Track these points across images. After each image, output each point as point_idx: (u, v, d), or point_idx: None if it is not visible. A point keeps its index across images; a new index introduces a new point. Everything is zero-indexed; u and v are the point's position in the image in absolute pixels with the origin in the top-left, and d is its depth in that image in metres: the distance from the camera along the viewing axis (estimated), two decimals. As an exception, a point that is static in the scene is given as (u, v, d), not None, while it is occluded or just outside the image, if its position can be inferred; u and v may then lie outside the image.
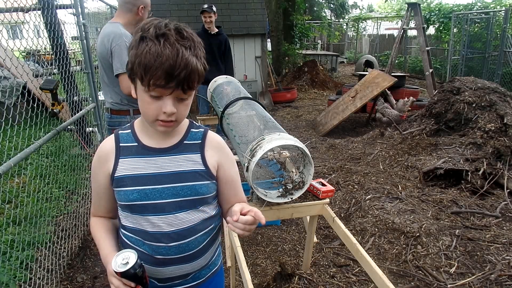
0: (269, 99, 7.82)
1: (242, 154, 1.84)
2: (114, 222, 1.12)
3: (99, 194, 1.06)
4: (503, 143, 3.45)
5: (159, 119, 0.91)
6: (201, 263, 1.07)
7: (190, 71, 0.85)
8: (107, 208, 1.08)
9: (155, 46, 0.83)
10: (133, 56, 0.87)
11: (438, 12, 11.01)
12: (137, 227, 1.00)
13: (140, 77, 0.86)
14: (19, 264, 2.34)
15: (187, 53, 0.85)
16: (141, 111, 0.94)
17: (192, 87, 0.89)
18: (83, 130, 3.46)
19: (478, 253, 2.43)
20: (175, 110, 0.89)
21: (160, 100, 0.88)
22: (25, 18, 2.72)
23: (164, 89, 0.85)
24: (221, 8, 7.23)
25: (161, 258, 1.01)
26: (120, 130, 1.05)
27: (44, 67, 5.39)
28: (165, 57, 0.82)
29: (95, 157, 1.04)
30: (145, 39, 0.85)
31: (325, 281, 2.37)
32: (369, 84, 5.81)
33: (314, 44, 16.43)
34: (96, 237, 1.06)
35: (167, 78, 0.83)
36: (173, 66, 0.82)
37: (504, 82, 8.18)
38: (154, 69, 0.82)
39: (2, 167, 1.65)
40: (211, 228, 1.08)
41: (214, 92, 3.07)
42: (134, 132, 1.03)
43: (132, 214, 1.00)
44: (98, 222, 1.09)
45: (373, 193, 3.19)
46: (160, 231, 0.98)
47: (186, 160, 1.00)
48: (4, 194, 3.03)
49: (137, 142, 1.01)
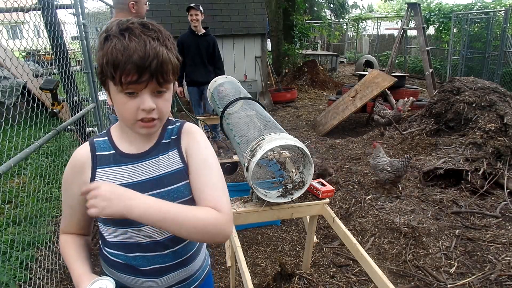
0: (269, 99, 7.82)
1: (242, 154, 1.84)
2: (86, 239, 1.03)
3: (73, 208, 0.96)
4: (503, 143, 3.45)
5: (138, 119, 0.84)
6: (197, 265, 1.04)
7: (162, 60, 0.80)
8: (81, 224, 0.99)
9: (120, 41, 0.79)
10: (100, 57, 0.82)
11: (438, 12, 11.01)
12: (127, 240, 0.93)
13: (111, 76, 0.80)
14: (19, 264, 2.34)
15: (155, 43, 0.81)
16: (118, 115, 0.88)
17: (167, 79, 0.84)
18: (83, 130, 3.45)
19: (478, 253, 2.42)
20: (154, 106, 0.83)
21: (137, 98, 0.82)
22: (25, 18, 2.72)
23: (138, 84, 0.80)
24: (221, 8, 7.23)
25: (157, 268, 0.95)
26: (95, 138, 0.97)
27: (44, 67, 5.39)
28: (132, 49, 0.78)
29: (68, 167, 0.94)
30: (109, 37, 0.81)
31: (325, 281, 2.37)
32: (369, 84, 5.81)
33: (314, 44, 16.41)
34: (66, 256, 0.95)
35: (139, 70, 0.78)
36: (142, 57, 0.78)
37: (504, 82, 8.17)
38: (123, 63, 0.78)
39: (2, 167, 1.65)
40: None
41: (214, 92, 3.07)
42: (111, 139, 0.95)
43: (117, 227, 0.92)
44: (69, 239, 0.99)
45: (373, 193, 3.19)
46: (153, 240, 0.93)
47: (165, 161, 0.93)
48: (4, 194, 3.03)
49: (114, 149, 0.93)
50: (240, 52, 7.45)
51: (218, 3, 7.19)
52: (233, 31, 7.16)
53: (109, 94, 0.87)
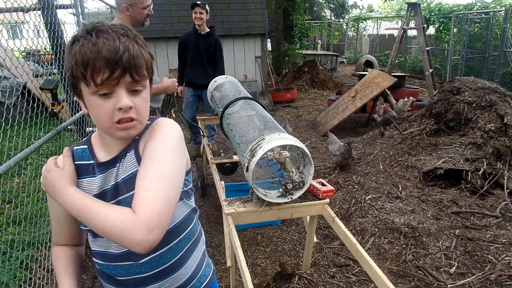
0: (269, 99, 7.82)
1: (242, 154, 1.84)
2: (78, 250, 0.99)
3: (60, 219, 0.93)
4: (503, 143, 3.45)
5: (115, 122, 0.78)
6: (183, 275, 0.95)
7: (134, 54, 0.76)
8: (70, 234, 0.96)
9: (87, 40, 0.75)
10: (69, 61, 0.77)
11: (438, 12, 11.01)
12: (104, 250, 0.89)
13: (82, 76, 0.75)
14: (19, 264, 2.34)
15: (124, 38, 0.77)
16: (95, 121, 0.82)
17: (141, 74, 0.79)
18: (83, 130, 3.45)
19: (478, 253, 2.43)
20: (131, 103, 0.77)
21: (112, 98, 0.77)
22: (25, 18, 2.72)
23: (110, 80, 0.75)
24: (221, 8, 7.23)
25: (136, 278, 0.90)
26: (75, 146, 0.92)
27: (44, 67, 5.38)
28: (100, 44, 0.74)
29: None
30: (76, 39, 0.77)
31: (325, 281, 2.37)
32: (369, 84, 5.81)
33: (314, 44, 16.42)
34: (56, 270, 0.93)
35: (109, 65, 0.74)
36: (111, 50, 0.74)
37: (504, 82, 8.17)
38: (93, 60, 0.73)
39: (2, 167, 1.65)
40: (187, 232, 0.95)
41: (214, 92, 3.07)
42: (90, 148, 0.90)
43: (95, 237, 0.89)
44: (59, 251, 0.95)
45: (373, 193, 3.19)
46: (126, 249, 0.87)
47: (127, 163, 0.87)
48: (4, 194, 3.03)
49: (93, 159, 0.89)
50: (240, 52, 7.45)
51: (218, 3, 7.19)
52: (233, 31, 7.16)
53: (82, 101, 0.82)
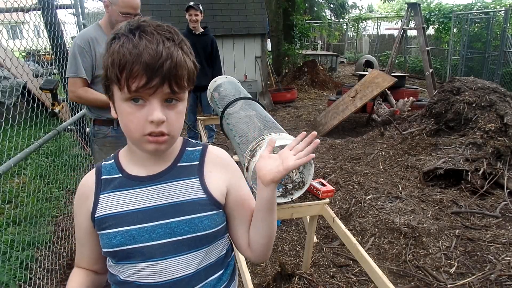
0: (269, 99, 7.82)
1: (242, 154, 1.84)
2: (96, 278, 0.90)
3: (81, 240, 0.87)
4: (503, 143, 3.45)
5: (146, 134, 0.71)
6: None
7: (176, 63, 0.68)
8: (91, 257, 0.88)
9: (129, 39, 0.68)
10: (105, 59, 0.71)
11: (438, 12, 11.01)
12: (126, 279, 0.80)
13: (116, 79, 0.69)
14: (19, 264, 2.33)
15: (169, 43, 0.69)
16: (123, 129, 0.75)
17: (182, 86, 0.71)
18: (83, 130, 3.45)
19: (478, 253, 2.43)
20: (164, 117, 0.70)
21: (144, 108, 0.70)
22: (25, 18, 2.72)
23: (146, 89, 0.68)
24: (221, 8, 7.23)
25: None
26: (103, 162, 0.86)
27: (44, 67, 5.38)
28: (142, 46, 0.67)
29: (75, 196, 0.86)
30: (117, 36, 0.70)
31: (325, 281, 2.37)
32: (369, 84, 5.81)
33: (314, 44, 16.43)
34: None
35: (148, 72, 0.66)
36: (153, 56, 0.66)
37: (504, 82, 8.18)
38: (130, 63, 0.66)
39: (2, 167, 1.65)
40: (220, 274, 0.85)
41: (214, 92, 3.07)
42: (118, 162, 0.84)
43: (117, 263, 0.80)
44: (75, 272, 0.89)
45: (373, 193, 3.19)
46: (148, 282, 0.78)
47: (181, 188, 0.80)
48: (4, 194, 3.03)
49: (121, 172, 0.82)
50: (240, 52, 7.45)
51: (218, 3, 7.18)
52: (233, 31, 7.16)
53: (113, 104, 0.75)
